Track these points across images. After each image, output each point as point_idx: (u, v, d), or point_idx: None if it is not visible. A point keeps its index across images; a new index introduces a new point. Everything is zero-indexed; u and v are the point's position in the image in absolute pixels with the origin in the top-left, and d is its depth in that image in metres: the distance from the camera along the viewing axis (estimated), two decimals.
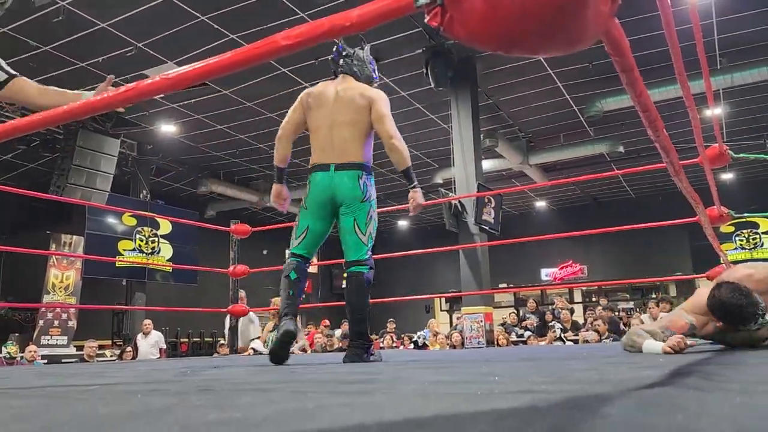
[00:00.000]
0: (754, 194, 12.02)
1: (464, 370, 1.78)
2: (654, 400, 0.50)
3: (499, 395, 0.78)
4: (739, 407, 0.45)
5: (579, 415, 0.41)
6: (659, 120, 1.25)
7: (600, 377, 1.16)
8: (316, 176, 3.01)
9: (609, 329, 8.31)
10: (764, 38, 8.26)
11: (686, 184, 1.92)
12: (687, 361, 1.51)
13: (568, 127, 11.34)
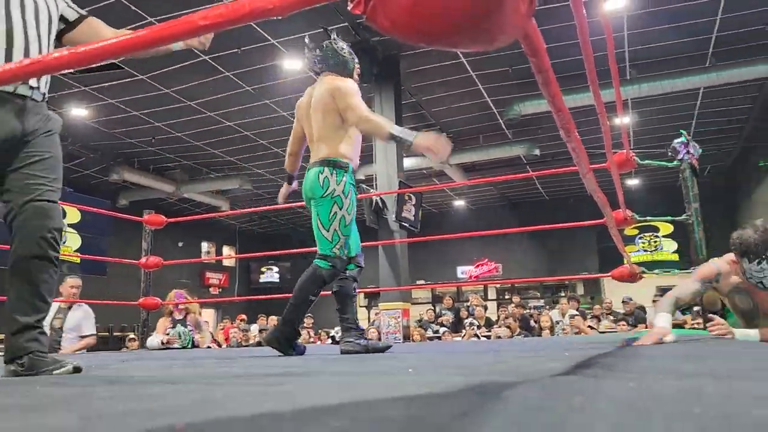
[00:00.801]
0: (656, 199, 12.78)
1: (380, 362, 1.79)
2: (555, 386, 0.52)
3: (413, 385, 0.79)
4: (633, 390, 0.48)
5: (484, 400, 0.43)
6: (571, 122, 1.31)
7: (508, 368, 1.20)
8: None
9: (520, 326, 8.60)
10: (670, 53, 8.78)
11: (595, 185, 2.02)
12: (589, 355, 1.59)
13: (488, 129, 11.65)
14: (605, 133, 2.79)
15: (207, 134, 11.45)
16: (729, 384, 0.54)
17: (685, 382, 0.61)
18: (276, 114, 10.55)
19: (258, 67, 8.96)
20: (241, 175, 13.55)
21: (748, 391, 0.44)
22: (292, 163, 3.51)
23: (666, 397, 0.44)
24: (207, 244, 17.96)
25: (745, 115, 11.18)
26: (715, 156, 13.16)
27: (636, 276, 4.50)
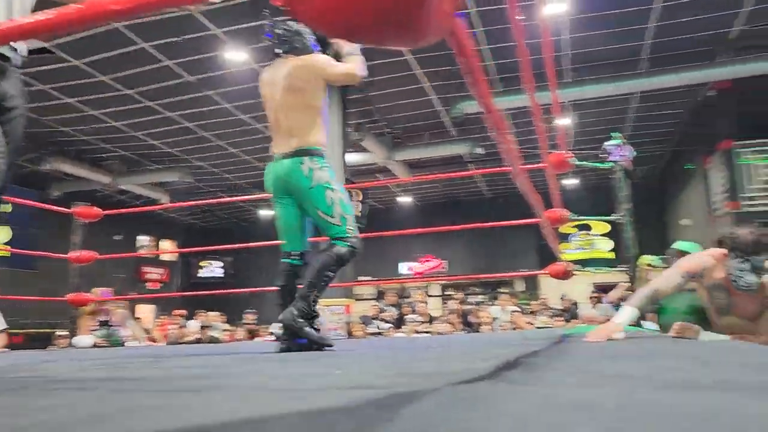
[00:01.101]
0: (594, 199, 13.17)
1: (312, 361, 1.76)
2: (464, 394, 0.51)
3: (329, 390, 0.77)
4: (539, 401, 0.47)
5: (381, 415, 0.41)
6: (502, 123, 1.31)
7: (435, 370, 1.19)
8: (269, 167, 2.96)
9: (461, 322, 8.72)
10: (609, 57, 9.05)
11: (528, 186, 2.04)
12: (518, 353, 1.60)
13: (433, 126, 11.74)
14: (540, 134, 2.85)
15: (146, 124, 11.11)
16: (631, 394, 0.53)
17: (590, 390, 0.61)
18: (219, 106, 10.33)
19: (200, 57, 8.74)
20: (181, 167, 13.22)
21: (645, 401, 0.43)
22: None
23: (566, 407, 0.43)
24: (145, 238, 17.45)
25: (676, 120, 11.65)
26: (648, 159, 13.66)
27: (569, 273, 4.63)
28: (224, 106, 10.35)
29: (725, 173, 9.78)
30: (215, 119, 10.91)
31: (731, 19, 8.15)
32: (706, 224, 11.11)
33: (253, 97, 10.02)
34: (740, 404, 0.41)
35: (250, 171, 13.90)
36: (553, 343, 2.47)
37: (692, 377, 0.77)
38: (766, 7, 7.82)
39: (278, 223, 2.98)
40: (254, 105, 10.30)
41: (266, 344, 6.46)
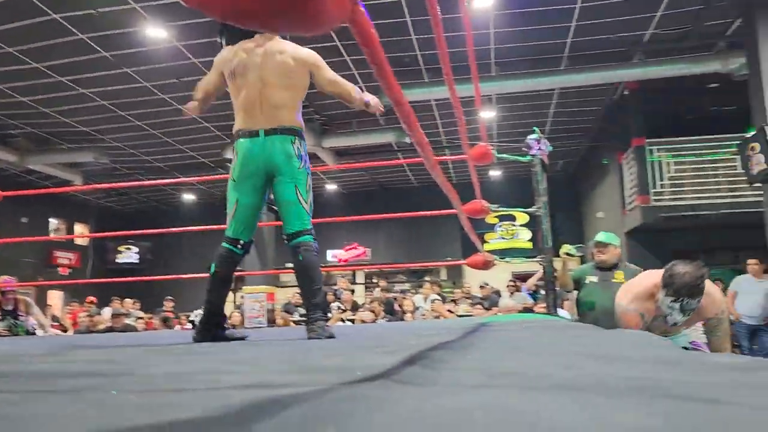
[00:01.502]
0: (515, 191, 13.55)
1: (217, 355, 1.70)
2: (333, 405, 0.49)
3: (211, 392, 0.73)
4: (418, 407, 0.46)
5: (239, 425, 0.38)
6: (412, 115, 1.30)
7: (339, 365, 1.17)
8: (245, 143, 2.72)
9: (384, 310, 8.78)
10: (531, 53, 9.29)
11: (442, 178, 2.05)
12: (429, 345, 1.61)
13: (361, 114, 11.69)
14: (461, 126, 2.87)
15: (57, 101, 10.48)
16: (507, 398, 0.53)
17: (474, 394, 0.60)
18: (138, 84, 9.88)
19: (118, 32, 8.31)
20: (97, 147, 12.59)
21: (515, 408, 0.43)
22: (199, 108, 3.10)
23: (440, 414, 0.42)
24: (56, 221, 16.56)
25: (593, 116, 12.12)
26: (566, 153, 14.16)
27: (489, 263, 4.73)
28: (144, 85, 9.92)
29: (637, 169, 10.28)
30: (134, 98, 10.44)
31: (646, 22, 8.52)
32: (618, 217, 11.66)
33: (174, 77, 9.67)
34: (603, 412, 0.41)
35: (172, 153, 13.43)
36: (467, 334, 2.51)
37: (574, 376, 0.78)
38: (675, 12, 8.22)
39: (238, 208, 2.75)
40: (176, 85, 9.93)
41: (182, 334, 6.28)
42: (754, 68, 7.42)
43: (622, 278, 4.32)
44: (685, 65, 8.87)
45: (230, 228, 2.77)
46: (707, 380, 0.70)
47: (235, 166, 2.73)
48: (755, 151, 7.23)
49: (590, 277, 4.44)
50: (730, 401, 0.46)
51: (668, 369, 0.83)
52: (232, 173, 2.75)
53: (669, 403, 0.44)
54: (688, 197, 10.07)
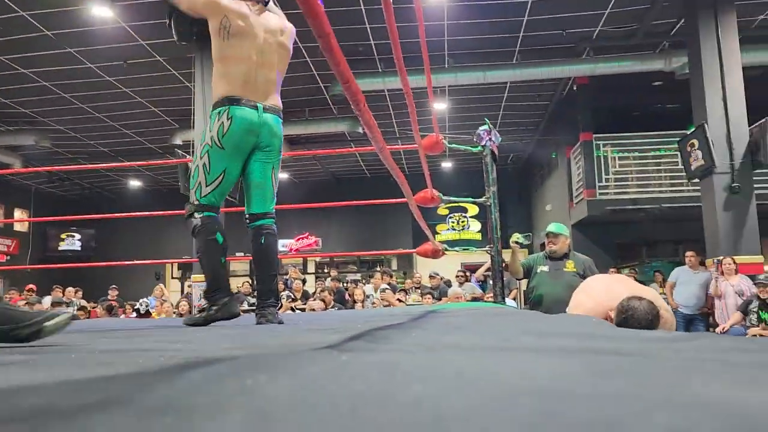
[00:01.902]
0: (466, 182, 13.71)
1: (160, 337, 1.67)
2: (268, 360, 0.49)
3: (140, 363, 0.72)
4: (343, 365, 0.46)
5: (154, 381, 0.38)
6: (360, 93, 1.30)
7: (282, 342, 1.17)
8: (243, 111, 2.54)
9: (335, 299, 8.77)
10: (484, 46, 9.39)
11: (392, 163, 2.06)
12: (378, 325, 1.62)
13: (314, 103, 11.61)
14: (412, 115, 2.88)
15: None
16: (440, 357, 0.54)
17: (406, 356, 0.61)
18: (82, 65, 9.55)
19: (60, 11, 8.01)
20: (37, 130, 12.10)
21: (446, 362, 0.44)
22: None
23: (369, 369, 0.43)
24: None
25: (543, 110, 12.37)
26: (517, 145, 14.42)
27: (439, 252, 4.78)
28: (88, 66, 9.59)
29: (584, 163, 10.55)
30: (78, 80, 10.08)
31: (596, 19, 8.73)
32: (566, 210, 11.95)
33: (121, 59, 9.38)
34: (528, 364, 0.43)
35: (117, 138, 13.04)
36: (413, 319, 2.54)
37: (500, 343, 0.81)
38: (623, 10, 8.46)
39: (225, 177, 2.59)
40: (122, 68, 9.63)
41: (129, 321, 6.14)
42: (695, 67, 7.70)
43: (572, 267, 4.44)
44: (631, 63, 9.13)
45: (213, 194, 2.58)
46: (636, 346, 0.73)
47: (229, 132, 2.53)
48: (694, 147, 7.51)
49: (541, 267, 4.54)
50: (652, 355, 0.49)
51: (601, 340, 0.87)
52: (221, 139, 2.53)
53: (591, 356, 0.46)
54: (632, 191, 10.40)
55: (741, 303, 6.61)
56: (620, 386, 0.30)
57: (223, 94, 2.56)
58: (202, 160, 2.56)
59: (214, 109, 2.57)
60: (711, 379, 0.31)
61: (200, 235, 2.55)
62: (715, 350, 0.60)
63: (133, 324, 3.61)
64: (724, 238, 7.22)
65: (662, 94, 10.94)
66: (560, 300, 4.28)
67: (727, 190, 7.28)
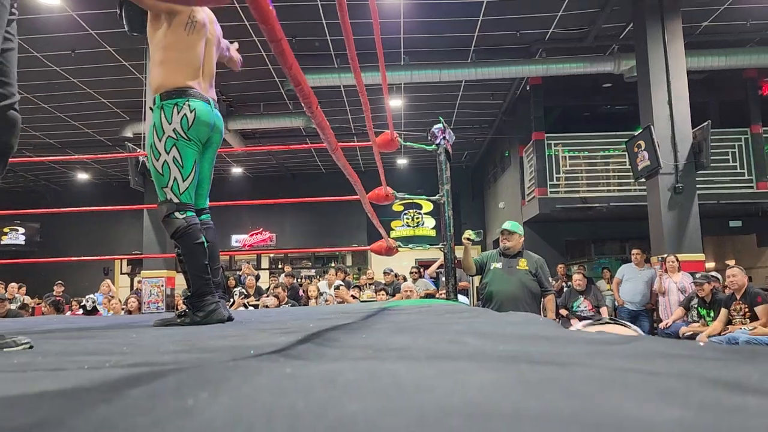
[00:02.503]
0: (422, 179, 13.82)
1: (106, 339, 1.64)
2: (212, 373, 0.49)
3: (86, 371, 0.71)
4: (285, 377, 0.47)
5: (95, 399, 0.38)
6: (312, 96, 1.30)
7: (231, 344, 1.16)
8: (201, 105, 2.49)
9: (288, 296, 8.73)
10: (440, 45, 9.47)
11: (344, 161, 2.07)
12: (326, 327, 1.62)
13: (269, 98, 11.49)
14: (366, 112, 2.89)
15: None
16: (382, 365, 0.56)
17: (352, 363, 0.63)
18: (27, 54, 9.20)
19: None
20: None
21: (387, 372, 0.45)
22: None
23: (312, 379, 0.44)
24: None
25: (496, 109, 12.55)
26: (471, 144, 14.60)
27: (392, 250, 4.81)
28: (35, 56, 9.25)
29: (536, 162, 10.77)
30: (23, 69, 9.70)
31: (549, 20, 8.90)
32: (518, 207, 12.18)
33: (69, 48, 9.09)
34: (465, 374, 0.45)
35: (64, 130, 12.62)
36: (366, 317, 2.55)
37: (452, 350, 0.83)
38: (575, 13, 8.65)
39: (198, 170, 2.55)
40: (70, 57, 9.34)
41: (74, 318, 5.96)
42: (642, 71, 7.95)
43: (525, 265, 4.54)
44: (582, 65, 9.35)
45: (190, 191, 2.51)
46: (573, 351, 0.76)
47: (194, 125, 2.47)
48: (641, 148, 7.76)
49: (495, 264, 4.61)
50: (584, 364, 0.51)
51: (543, 343, 0.90)
52: (187, 132, 2.46)
53: (524, 366, 0.48)
54: (582, 190, 10.67)
55: (683, 299, 6.87)
56: (541, 403, 0.32)
57: (178, 85, 2.48)
58: (171, 154, 2.44)
59: (168, 99, 2.46)
60: (629, 392, 0.33)
61: (186, 237, 2.44)
62: (646, 356, 0.63)
63: (82, 322, 3.51)
64: (668, 236, 7.49)
65: (611, 96, 11.26)
66: (512, 297, 4.38)
67: (671, 190, 7.54)
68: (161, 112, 2.46)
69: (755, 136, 10.44)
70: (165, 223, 2.49)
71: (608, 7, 8.44)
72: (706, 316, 6.38)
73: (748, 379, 0.44)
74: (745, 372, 0.47)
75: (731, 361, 0.56)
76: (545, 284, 4.59)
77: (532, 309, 4.48)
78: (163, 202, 2.47)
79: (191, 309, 2.43)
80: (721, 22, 9.09)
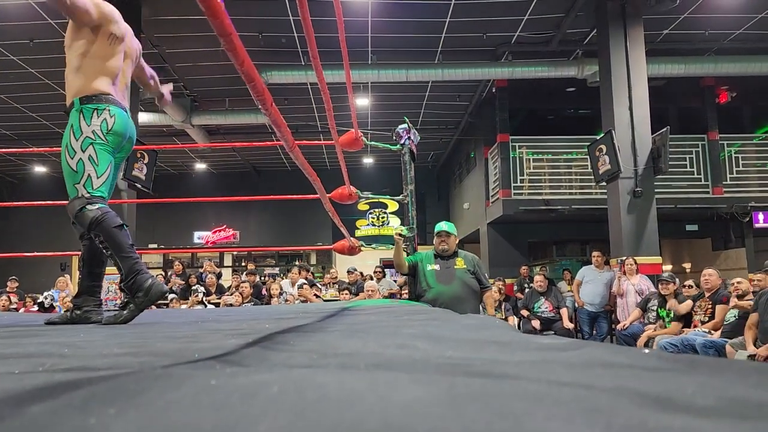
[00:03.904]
0: (387, 179, 13.82)
1: (54, 339, 1.58)
2: (131, 384, 0.47)
3: (21, 375, 0.68)
4: (206, 389, 0.44)
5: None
6: (266, 93, 1.27)
7: (178, 348, 1.13)
8: (121, 112, 2.57)
9: (252, 294, 8.63)
10: (407, 45, 9.48)
11: (302, 160, 2.04)
12: (281, 328, 1.60)
13: (235, 93, 11.34)
14: (328, 110, 2.86)
15: None
16: (318, 375, 0.54)
17: (293, 372, 0.61)
18: None
19: None
20: None
21: (322, 384, 0.44)
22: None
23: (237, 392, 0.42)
24: None
25: (463, 111, 12.63)
26: (437, 144, 14.66)
27: (355, 249, 4.79)
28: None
29: (500, 164, 10.87)
30: None
31: (515, 24, 8.99)
32: (482, 208, 12.27)
33: (28, 38, 8.82)
34: (395, 387, 0.43)
35: (21, 121, 12.25)
36: (324, 318, 2.53)
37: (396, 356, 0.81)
38: (540, 17, 8.76)
39: (112, 170, 2.61)
40: (28, 47, 9.06)
41: (27, 316, 5.79)
42: (605, 76, 8.09)
43: (462, 264, 4.54)
44: (547, 68, 9.47)
45: (103, 188, 2.53)
46: (517, 359, 0.75)
47: (113, 130, 2.54)
48: (602, 152, 7.90)
49: (430, 266, 4.55)
50: (519, 376, 0.50)
51: (491, 349, 0.89)
52: (105, 135, 2.53)
53: (460, 378, 0.47)
54: (545, 192, 10.81)
55: (640, 300, 7.02)
56: (462, 425, 0.31)
57: (100, 90, 2.55)
58: (86, 152, 2.48)
59: (88, 103, 2.52)
60: (558, 411, 0.32)
61: (103, 224, 2.44)
62: (587, 366, 0.63)
63: (31, 320, 3.40)
64: (626, 239, 7.64)
65: (575, 100, 11.43)
66: (456, 297, 4.36)
67: (630, 194, 7.69)
68: (80, 115, 2.51)
69: (712, 142, 10.73)
70: (78, 218, 2.48)
71: (573, 12, 8.56)
72: (666, 316, 6.52)
73: (681, 392, 0.44)
74: (680, 384, 0.47)
75: (669, 372, 0.56)
76: (483, 281, 4.59)
77: (475, 307, 4.49)
78: (74, 198, 2.49)
79: (130, 293, 2.39)
80: (681, 30, 9.31)
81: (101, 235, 2.46)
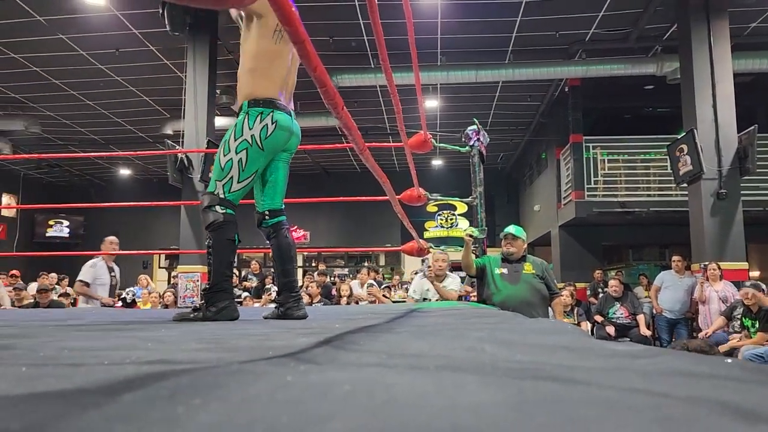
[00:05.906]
0: (455, 180, 13.71)
1: (134, 334, 1.67)
2: (212, 378, 0.49)
3: (106, 367, 0.72)
4: (281, 386, 0.46)
5: (94, 400, 0.38)
6: (338, 97, 1.30)
7: (252, 345, 1.17)
8: (284, 117, 2.61)
9: (321, 293, 8.78)
10: (477, 45, 9.39)
11: (372, 162, 2.06)
12: (350, 329, 1.62)
13: (306, 97, 11.54)
14: (398, 113, 2.88)
15: None
16: (388, 376, 0.55)
17: (360, 371, 0.62)
18: (73, 52, 9.47)
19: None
20: (28, 115, 12.00)
21: (393, 385, 0.44)
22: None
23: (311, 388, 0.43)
24: None
25: (534, 111, 12.38)
26: (507, 145, 14.44)
27: (424, 251, 4.79)
28: (80, 53, 9.51)
29: (573, 165, 10.59)
30: (69, 66, 10.00)
31: (589, 21, 8.74)
32: (554, 211, 11.99)
33: (113, 47, 9.32)
34: (462, 390, 0.43)
35: (108, 126, 12.94)
36: (392, 319, 2.54)
37: (464, 358, 0.81)
38: (616, 13, 8.48)
39: (255, 179, 2.65)
40: (114, 56, 9.56)
41: (111, 311, 6.11)
42: (686, 73, 7.74)
43: (531, 269, 4.44)
44: (623, 66, 9.16)
45: (238, 193, 2.58)
46: (589, 365, 0.73)
47: (272, 137, 2.56)
48: (683, 152, 7.56)
49: (498, 269, 4.47)
50: (591, 382, 0.49)
51: (561, 354, 0.87)
52: (263, 141, 2.54)
53: (529, 382, 0.46)
54: (620, 194, 10.45)
55: (725, 308, 6.66)
56: (530, 428, 0.31)
57: (265, 95, 2.57)
58: (239, 155, 2.52)
59: (255, 107, 2.55)
60: (628, 419, 0.32)
61: (219, 231, 2.50)
62: (664, 375, 0.61)
63: (117, 315, 3.60)
64: (710, 243, 7.28)
65: (653, 98, 10.99)
66: (525, 301, 4.27)
67: (714, 196, 7.33)
68: (245, 117, 2.55)
69: None
70: (204, 214, 2.54)
71: (652, 8, 8.25)
72: (751, 326, 6.16)
73: (765, 405, 0.42)
74: (763, 396, 0.45)
75: (753, 383, 0.54)
76: (552, 287, 4.48)
77: (544, 312, 4.39)
78: (210, 193, 2.54)
79: (205, 303, 2.45)
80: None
81: (212, 239, 2.53)
